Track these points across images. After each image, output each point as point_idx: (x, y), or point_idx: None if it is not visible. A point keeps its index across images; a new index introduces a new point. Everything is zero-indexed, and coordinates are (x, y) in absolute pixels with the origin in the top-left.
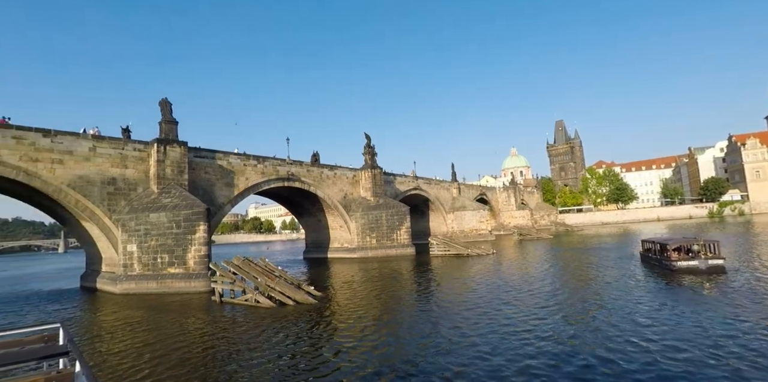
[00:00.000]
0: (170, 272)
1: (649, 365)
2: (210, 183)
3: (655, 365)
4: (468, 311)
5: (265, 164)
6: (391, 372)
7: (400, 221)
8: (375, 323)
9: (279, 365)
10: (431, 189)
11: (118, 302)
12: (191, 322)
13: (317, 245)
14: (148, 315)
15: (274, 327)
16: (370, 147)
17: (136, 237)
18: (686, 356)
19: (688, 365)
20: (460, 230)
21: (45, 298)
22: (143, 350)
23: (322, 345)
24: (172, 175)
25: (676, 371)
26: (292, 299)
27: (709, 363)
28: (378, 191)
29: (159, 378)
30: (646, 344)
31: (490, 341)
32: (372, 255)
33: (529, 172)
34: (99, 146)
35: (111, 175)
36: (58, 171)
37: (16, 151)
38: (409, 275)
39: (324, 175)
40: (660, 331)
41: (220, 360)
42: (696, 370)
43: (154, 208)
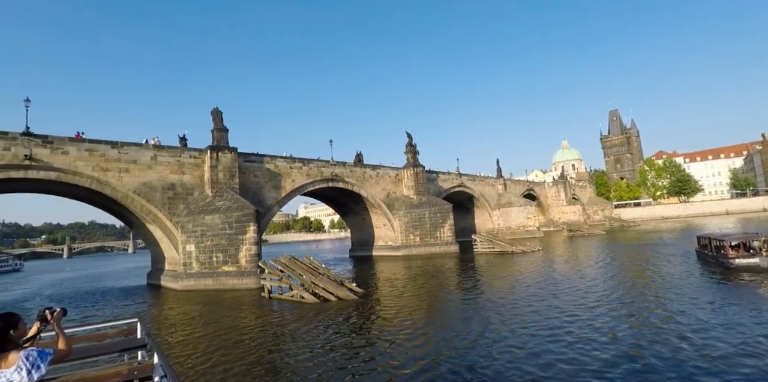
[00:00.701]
0: (224, 270)
1: (713, 375)
2: (259, 186)
3: (719, 375)
4: (514, 309)
5: (309, 166)
6: (430, 367)
7: (443, 218)
8: (415, 319)
9: (322, 356)
10: (475, 186)
11: (180, 298)
12: (244, 316)
13: (362, 244)
14: (206, 310)
15: (317, 322)
16: (412, 146)
17: (194, 238)
18: (754, 363)
19: (755, 372)
20: (507, 227)
21: (117, 294)
22: (203, 341)
23: (363, 340)
24: (224, 180)
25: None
26: (335, 295)
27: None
28: (421, 189)
29: (218, 366)
30: (704, 347)
31: (537, 341)
32: (416, 253)
33: (581, 165)
34: (159, 155)
35: (170, 181)
36: (125, 179)
37: (90, 162)
38: (451, 273)
39: (367, 175)
40: (718, 334)
41: (270, 351)
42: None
43: (209, 210)
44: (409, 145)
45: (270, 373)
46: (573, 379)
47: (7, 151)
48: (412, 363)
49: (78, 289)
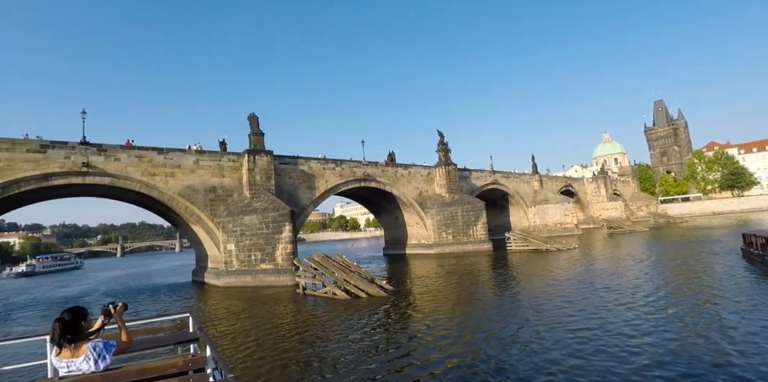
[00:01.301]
0: (262, 267)
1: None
2: (294, 187)
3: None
4: (546, 307)
5: (342, 167)
6: (453, 363)
7: (476, 216)
8: (443, 316)
9: (352, 349)
10: (510, 183)
11: (222, 294)
12: (281, 311)
13: (396, 242)
14: (247, 305)
15: (348, 317)
16: (444, 144)
17: (234, 237)
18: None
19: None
20: (543, 224)
21: (165, 290)
22: (245, 334)
23: (390, 334)
24: (261, 182)
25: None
26: (366, 292)
27: None
28: (453, 187)
29: (259, 357)
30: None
31: (569, 341)
32: (448, 251)
33: (624, 159)
34: (201, 159)
35: (211, 183)
36: (170, 182)
37: (139, 167)
38: (483, 271)
39: (398, 175)
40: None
41: (306, 343)
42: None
43: (247, 211)
44: (441, 144)
45: (305, 364)
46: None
47: (68, 159)
48: (436, 358)
49: (130, 285)
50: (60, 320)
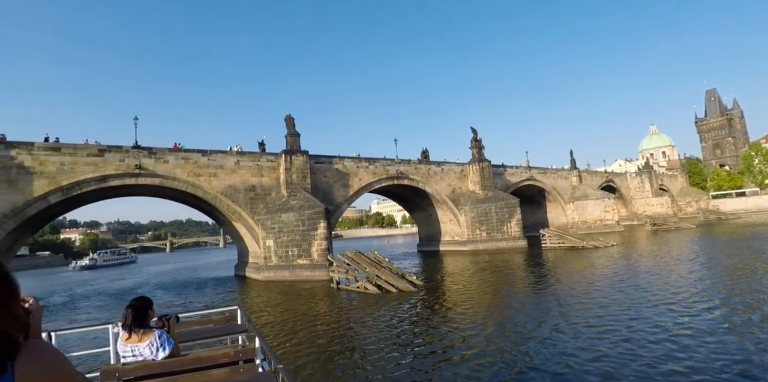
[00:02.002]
0: (299, 263)
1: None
2: (329, 185)
3: None
4: (576, 305)
5: (375, 165)
6: (473, 356)
7: (510, 213)
8: (471, 310)
9: (384, 340)
10: (547, 179)
11: (262, 287)
12: (316, 304)
13: (429, 239)
14: (285, 298)
15: (380, 310)
16: (477, 141)
17: (272, 234)
18: None
19: None
20: (582, 221)
21: (210, 284)
22: (284, 324)
23: (418, 327)
24: (297, 181)
25: None
26: (395, 286)
27: None
28: (486, 183)
29: (297, 346)
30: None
31: (601, 343)
32: (482, 248)
33: (673, 152)
34: (242, 160)
35: (251, 183)
36: (213, 182)
37: (185, 168)
38: (516, 268)
39: (431, 172)
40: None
41: (341, 335)
42: None
43: (284, 209)
44: (474, 141)
45: (342, 355)
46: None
47: (122, 162)
48: (458, 349)
49: (178, 279)
50: (132, 307)
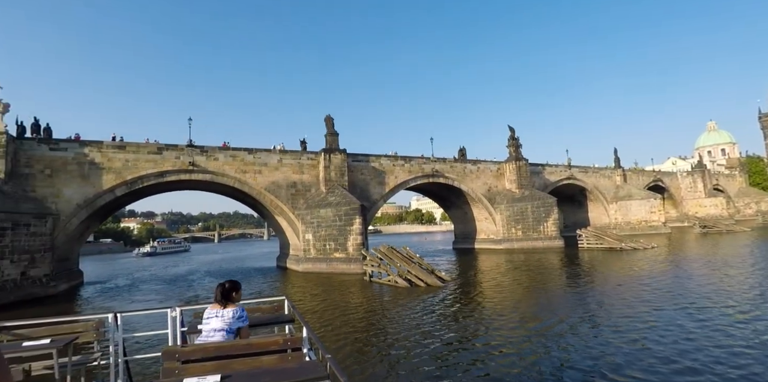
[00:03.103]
0: (335, 256)
1: None
2: (365, 182)
3: None
4: (607, 306)
5: (411, 163)
6: (485, 350)
7: (547, 212)
8: (494, 306)
9: (410, 328)
10: (588, 178)
11: (301, 278)
12: (350, 294)
13: (465, 236)
14: (322, 289)
15: (408, 303)
16: (514, 139)
17: (312, 228)
18: None
19: None
20: (626, 222)
21: (254, 273)
22: (321, 313)
23: (443, 319)
24: (335, 178)
25: None
26: (424, 281)
27: None
28: (523, 182)
29: (336, 334)
30: None
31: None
32: (518, 247)
33: (734, 149)
34: (284, 158)
35: (292, 180)
36: (258, 179)
37: (233, 166)
38: (549, 267)
39: (467, 170)
40: None
41: (371, 323)
42: None
43: (323, 205)
44: (512, 139)
45: (371, 341)
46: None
47: (178, 159)
48: (477, 342)
49: (225, 268)
50: (221, 285)
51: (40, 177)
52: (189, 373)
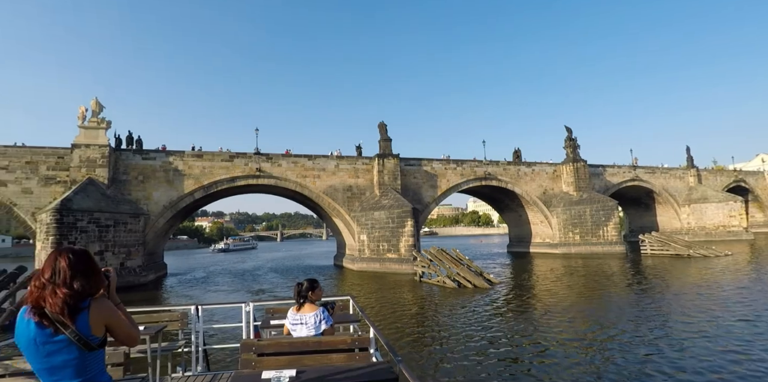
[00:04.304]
0: (388, 256)
1: None
2: (417, 186)
3: None
4: (666, 315)
5: (463, 167)
6: (523, 355)
7: (607, 216)
8: (540, 310)
9: (460, 328)
10: (655, 179)
11: (356, 276)
12: (402, 293)
13: (520, 240)
14: (376, 287)
15: (456, 303)
16: (572, 140)
17: (366, 229)
18: None
19: None
20: (700, 227)
21: (313, 271)
22: (377, 310)
23: (492, 320)
24: (388, 182)
25: None
26: (472, 283)
27: None
28: (581, 184)
29: (386, 331)
30: None
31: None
32: (575, 251)
33: None
34: (341, 163)
35: (348, 184)
36: (317, 183)
37: (295, 171)
38: (607, 274)
39: (521, 172)
40: None
41: (421, 320)
42: None
43: (376, 207)
44: (569, 140)
45: (422, 339)
46: None
47: (246, 166)
48: (516, 343)
49: (287, 265)
50: (299, 285)
51: (134, 182)
52: (264, 365)
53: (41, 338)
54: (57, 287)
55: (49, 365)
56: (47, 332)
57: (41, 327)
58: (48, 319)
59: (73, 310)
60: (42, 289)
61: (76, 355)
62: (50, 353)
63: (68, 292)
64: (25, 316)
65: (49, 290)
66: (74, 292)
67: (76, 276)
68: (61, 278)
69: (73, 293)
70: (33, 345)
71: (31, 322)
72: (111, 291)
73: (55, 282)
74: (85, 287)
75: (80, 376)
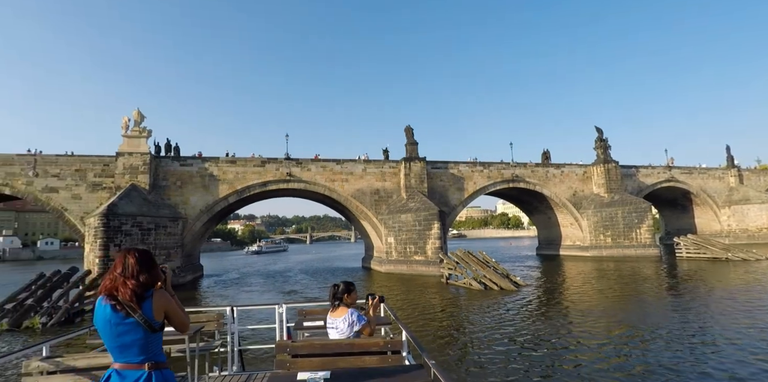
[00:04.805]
0: (415, 258)
1: None
2: (444, 188)
3: None
4: (696, 320)
5: (490, 169)
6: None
7: (640, 218)
8: (566, 314)
9: (486, 329)
10: (693, 180)
11: (384, 278)
12: (430, 294)
13: (549, 242)
14: (403, 288)
15: (483, 304)
16: (602, 141)
17: (393, 232)
18: None
19: None
20: (741, 229)
21: (342, 272)
22: (404, 311)
23: (518, 321)
24: (415, 185)
25: None
26: (498, 285)
27: None
28: (613, 186)
29: (415, 328)
30: None
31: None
32: (606, 254)
33: None
34: (368, 167)
35: (375, 187)
36: (345, 186)
37: (323, 175)
38: (637, 276)
39: (550, 174)
40: None
41: (447, 319)
42: None
43: (403, 210)
44: (599, 141)
45: (450, 339)
46: None
47: (277, 171)
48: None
49: (317, 266)
50: (334, 287)
51: (173, 188)
52: (299, 366)
53: (115, 320)
54: (127, 279)
55: (120, 344)
56: (120, 316)
57: (115, 311)
58: (120, 305)
59: (139, 298)
60: (114, 281)
61: (142, 335)
62: (121, 334)
63: (136, 283)
64: (102, 302)
65: (121, 281)
66: (140, 283)
67: (141, 271)
68: (129, 272)
69: (140, 284)
70: (108, 326)
71: (108, 307)
72: (167, 284)
73: (125, 275)
74: (148, 279)
75: (144, 354)
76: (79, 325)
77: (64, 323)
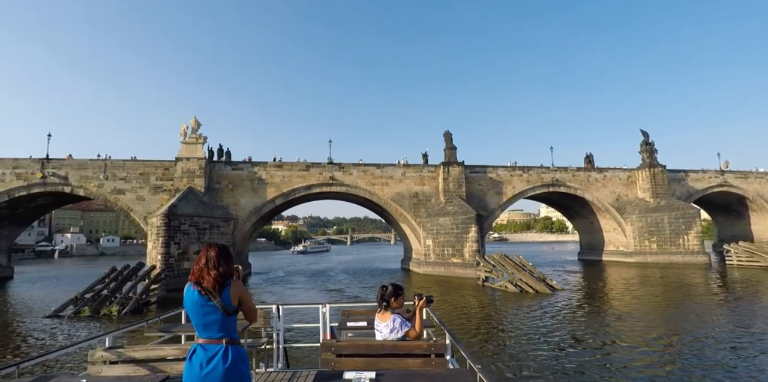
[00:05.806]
0: (452, 261)
1: None
2: (483, 192)
3: None
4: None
5: (529, 173)
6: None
7: (687, 224)
8: (601, 318)
9: (522, 331)
10: (749, 184)
11: (422, 280)
12: (467, 296)
13: (591, 247)
14: (442, 290)
15: (516, 306)
16: (648, 144)
17: (431, 234)
18: None
19: None
20: None
21: (381, 273)
22: (441, 312)
23: (558, 324)
24: (453, 189)
25: None
26: (533, 288)
27: None
28: (659, 191)
29: (454, 329)
30: None
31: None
32: (651, 261)
33: None
34: (407, 171)
35: (414, 191)
36: (385, 190)
37: (364, 179)
38: (682, 284)
39: (592, 179)
40: None
41: (485, 321)
42: None
43: (441, 213)
44: (645, 144)
45: (487, 339)
46: None
47: (321, 174)
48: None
49: (357, 267)
50: (383, 288)
51: (225, 190)
52: (343, 366)
53: (200, 302)
54: (209, 269)
55: (204, 322)
56: (204, 299)
57: (200, 295)
58: (204, 290)
59: (220, 285)
60: (201, 271)
61: (220, 316)
62: (205, 314)
63: (216, 273)
64: (191, 288)
65: (205, 271)
66: (220, 273)
67: (221, 262)
68: (212, 264)
69: (220, 274)
70: (195, 307)
71: (195, 292)
72: (239, 276)
73: (208, 266)
74: (227, 270)
75: (222, 331)
76: (146, 315)
77: (134, 313)
